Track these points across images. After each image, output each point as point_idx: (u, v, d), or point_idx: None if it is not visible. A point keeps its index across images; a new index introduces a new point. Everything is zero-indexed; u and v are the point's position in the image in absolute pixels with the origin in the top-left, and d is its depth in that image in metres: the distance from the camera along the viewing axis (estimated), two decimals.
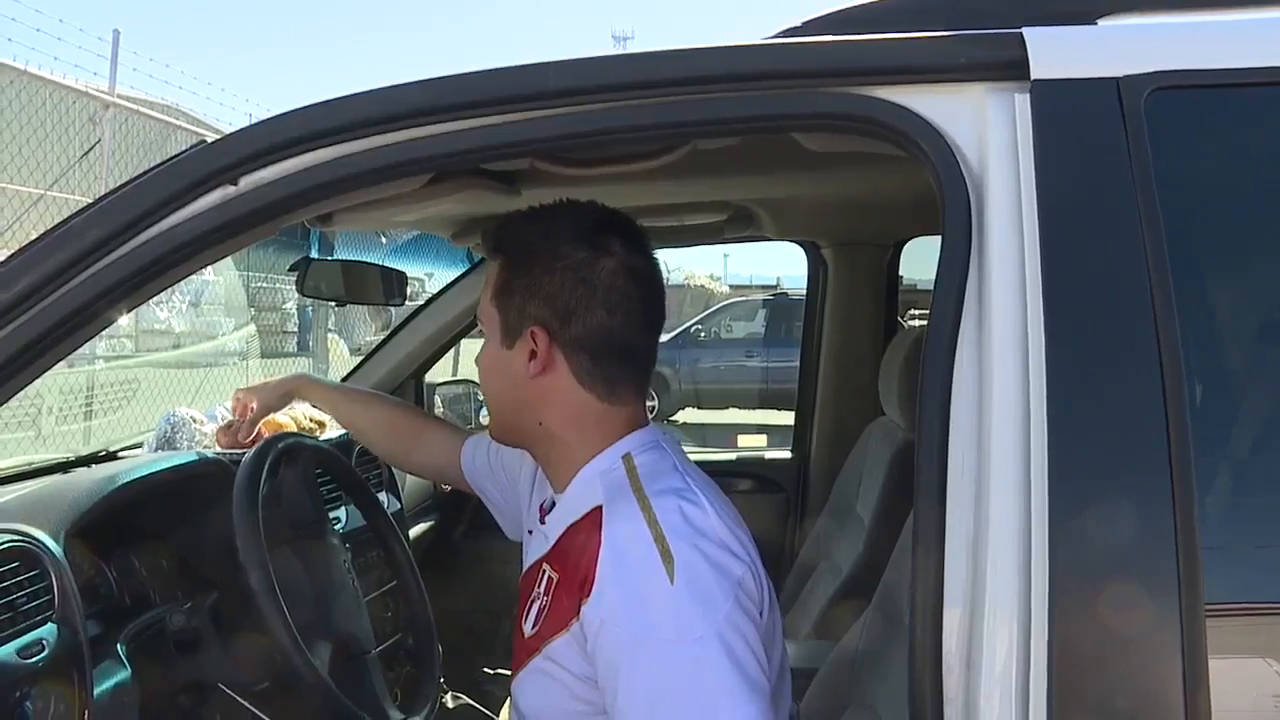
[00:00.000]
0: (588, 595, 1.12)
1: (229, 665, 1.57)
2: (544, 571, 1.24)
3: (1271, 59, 1.05)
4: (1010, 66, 1.05)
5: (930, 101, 1.06)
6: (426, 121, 1.08)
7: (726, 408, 12.25)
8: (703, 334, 13.55)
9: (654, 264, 1.27)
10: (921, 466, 0.99)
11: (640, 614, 1.09)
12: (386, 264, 2.57)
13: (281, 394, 1.94)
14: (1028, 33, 1.06)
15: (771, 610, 1.19)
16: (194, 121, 8.66)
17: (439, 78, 1.10)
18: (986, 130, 1.04)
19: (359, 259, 2.97)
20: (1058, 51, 1.06)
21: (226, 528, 1.56)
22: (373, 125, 1.09)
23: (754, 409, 11.49)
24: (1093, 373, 0.97)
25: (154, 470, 1.74)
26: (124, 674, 1.46)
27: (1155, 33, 1.12)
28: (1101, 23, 1.14)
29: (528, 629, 1.23)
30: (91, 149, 6.59)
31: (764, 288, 20.73)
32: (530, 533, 1.37)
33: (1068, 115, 1.03)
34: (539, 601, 1.23)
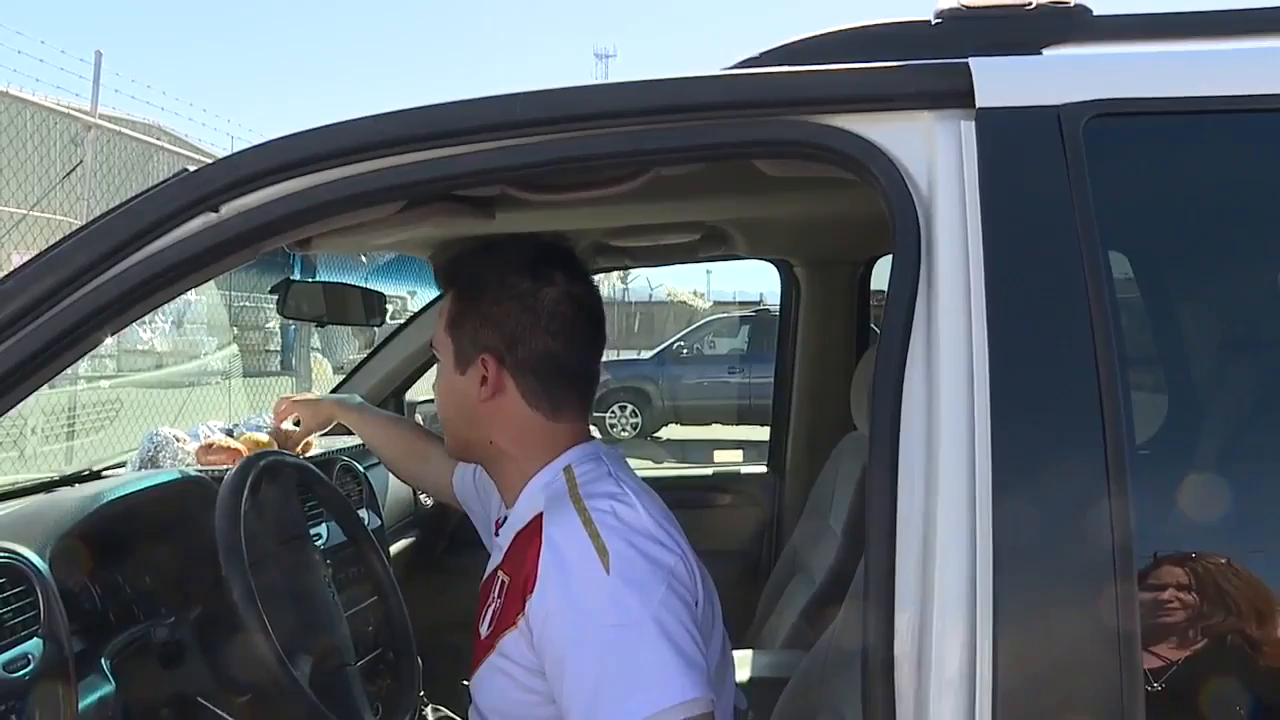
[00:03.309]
0: (531, 591, 1.20)
1: (212, 679, 1.59)
2: (499, 578, 1.33)
3: (1202, 89, 1.11)
4: (957, 95, 1.11)
5: (882, 129, 1.11)
6: (401, 151, 1.13)
7: (710, 424, 12.27)
8: (685, 350, 13.58)
9: (594, 291, 1.38)
10: (873, 474, 1.04)
11: (580, 603, 1.17)
12: (368, 284, 2.61)
13: (323, 419, 2.14)
14: (974, 63, 1.12)
15: (708, 599, 1.28)
16: (176, 142, 8.68)
17: (412, 109, 1.15)
18: (935, 156, 1.10)
19: (340, 279, 3.01)
20: (1001, 81, 1.11)
21: (209, 543, 1.59)
22: (350, 154, 1.14)
23: (737, 424, 11.52)
24: (1033, 384, 1.02)
25: (138, 488, 1.77)
26: (108, 688, 1.49)
27: (1094, 63, 1.18)
28: (1046, 52, 1.20)
29: (484, 630, 1.33)
30: (74, 170, 6.60)
31: (746, 304, 20.77)
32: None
33: (1010, 141, 1.09)
34: (493, 605, 1.32)
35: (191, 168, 1.21)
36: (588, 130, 1.12)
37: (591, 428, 1.43)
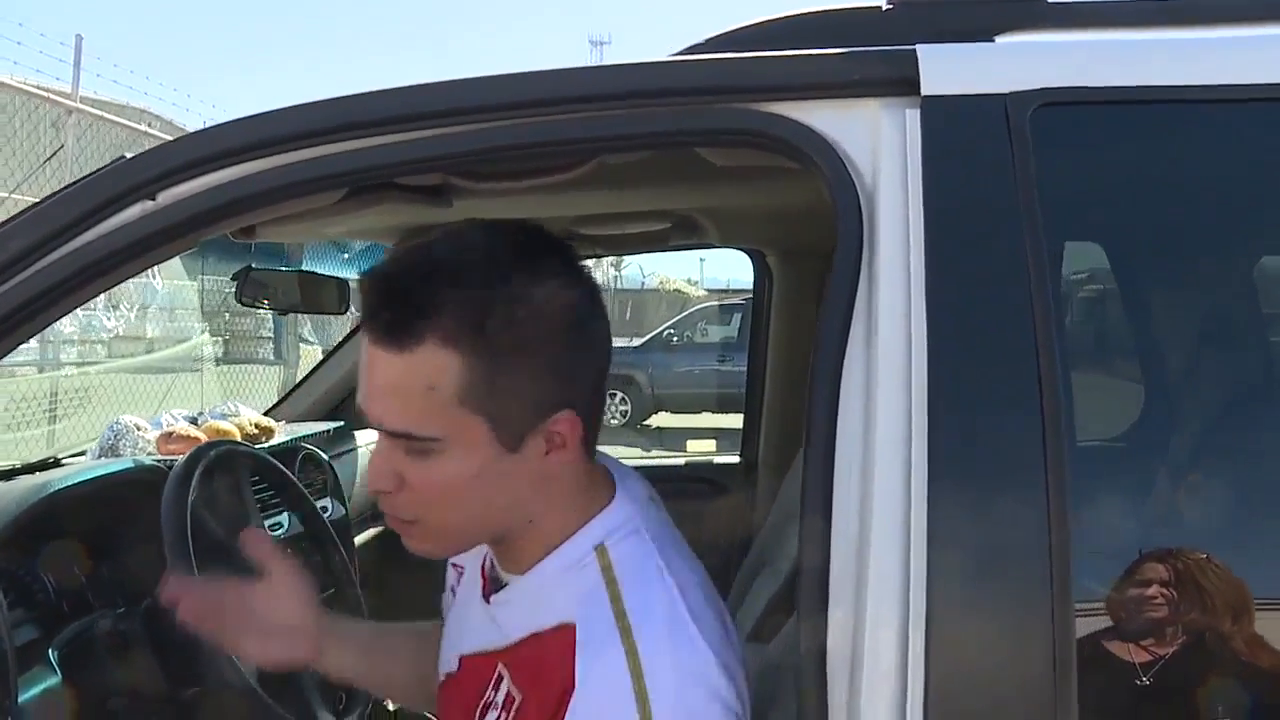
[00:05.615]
0: None
1: (160, 670, 1.58)
2: (501, 675, 1.08)
3: (1152, 78, 1.09)
4: (902, 83, 1.08)
5: (825, 116, 1.09)
6: (335, 139, 1.10)
7: (700, 412, 12.25)
8: (675, 338, 13.55)
9: (589, 278, 1.07)
10: (809, 466, 1.02)
11: None
12: (344, 272, 2.58)
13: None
14: (921, 50, 1.09)
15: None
16: (161, 126, 8.63)
17: (349, 95, 1.13)
18: (879, 145, 1.07)
19: (312, 268, 2.97)
20: (948, 69, 1.09)
21: (159, 533, 1.58)
22: (285, 142, 1.11)
23: (727, 413, 11.51)
24: (972, 378, 1.01)
25: (87, 477, 1.75)
26: (54, 679, 1.48)
27: (1042, 50, 1.15)
28: (999, 39, 1.18)
29: None
30: (54, 154, 6.56)
31: (739, 291, 20.72)
32: (453, 592, 1.26)
33: (955, 130, 1.07)
34: (495, 712, 1.07)
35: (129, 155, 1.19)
36: (525, 118, 1.10)
37: None
